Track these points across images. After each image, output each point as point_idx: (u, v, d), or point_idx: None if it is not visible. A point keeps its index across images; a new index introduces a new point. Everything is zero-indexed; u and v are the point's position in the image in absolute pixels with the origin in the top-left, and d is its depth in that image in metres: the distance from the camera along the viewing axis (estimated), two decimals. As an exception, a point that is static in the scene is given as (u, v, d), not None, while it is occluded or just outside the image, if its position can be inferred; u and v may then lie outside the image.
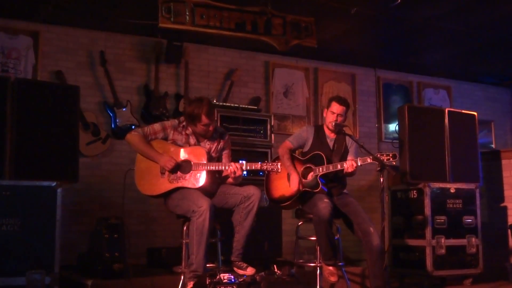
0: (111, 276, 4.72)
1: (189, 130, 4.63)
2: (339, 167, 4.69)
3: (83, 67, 6.50)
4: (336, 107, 4.91)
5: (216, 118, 4.60)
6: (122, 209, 4.88)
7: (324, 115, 5.06)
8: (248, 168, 4.47)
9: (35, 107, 4.66)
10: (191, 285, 4.13)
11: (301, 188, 4.76)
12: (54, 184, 4.53)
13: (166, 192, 4.50)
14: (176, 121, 4.70)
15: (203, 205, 4.21)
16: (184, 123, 4.65)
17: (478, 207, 6.05)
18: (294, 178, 4.78)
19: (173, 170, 4.46)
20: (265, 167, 4.48)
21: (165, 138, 4.63)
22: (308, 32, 6.33)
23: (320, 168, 4.75)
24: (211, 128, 4.56)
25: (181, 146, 4.58)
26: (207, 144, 4.65)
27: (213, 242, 4.51)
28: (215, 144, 4.69)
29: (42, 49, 6.30)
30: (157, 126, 4.64)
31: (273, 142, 6.48)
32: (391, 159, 4.57)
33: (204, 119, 4.47)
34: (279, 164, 4.50)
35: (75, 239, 5.79)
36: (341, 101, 4.94)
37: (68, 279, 4.92)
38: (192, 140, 4.62)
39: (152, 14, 5.72)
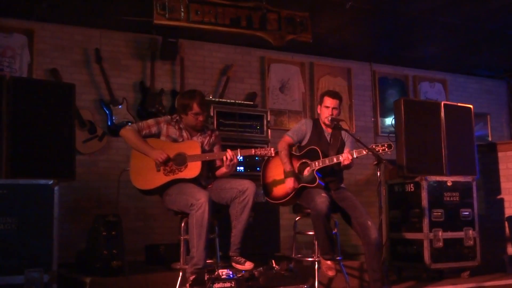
0: (110, 274, 4.71)
1: (182, 124, 4.72)
2: (335, 160, 4.70)
3: (79, 65, 6.48)
4: (329, 101, 4.93)
5: (208, 112, 4.74)
6: (117, 206, 4.88)
7: (319, 111, 5.07)
8: (242, 154, 4.56)
9: (30, 106, 4.64)
10: (192, 279, 4.13)
11: (296, 186, 4.77)
12: (51, 182, 4.53)
13: (162, 186, 4.52)
14: (169, 116, 4.83)
15: (201, 197, 4.24)
16: (177, 118, 4.75)
17: (475, 199, 6.07)
18: (289, 181, 4.81)
19: (165, 163, 4.51)
20: (258, 152, 4.60)
21: (159, 133, 4.71)
22: (303, 27, 6.33)
23: (316, 163, 4.76)
24: (200, 118, 4.65)
25: (175, 142, 4.66)
26: (199, 138, 4.74)
27: (211, 238, 4.52)
28: (207, 138, 4.79)
29: (37, 47, 6.28)
30: (150, 121, 4.75)
31: (269, 137, 6.48)
32: (386, 149, 4.61)
33: (196, 107, 4.59)
34: (272, 148, 4.61)
35: (73, 236, 5.79)
36: (333, 94, 4.97)
37: (67, 277, 4.92)
38: (185, 133, 4.72)
39: (147, 11, 5.71)
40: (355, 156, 4.65)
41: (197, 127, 4.72)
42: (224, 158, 4.53)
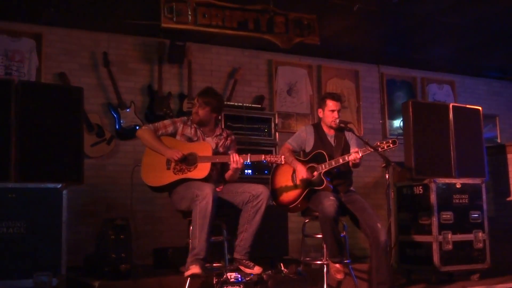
0: (118, 277, 4.72)
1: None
2: (341, 161, 4.69)
3: (87, 69, 6.50)
4: (333, 104, 4.94)
5: (220, 117, 4.76)
6: (131, 209, 4.87)
7: (320, 115, 5.05)
8: (252, 160, 4.54)
9: (39, 110, 4.65)
10: (193, 269, 4.10)
11: (309, 176, 4.75)
12: (59, 186, 4.54)
13: (171, 184, 4.53)
14: (185, 117, 4.87)
15: (206, 189, 4.26)
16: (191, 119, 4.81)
17: (484, 202, 6.02)
18: (301, 168, 4.79)
19: (180, 161, 4.53)
20: (268, 159, 4.59)
21: (175, 132, 4.74)
22: (311, 29, 6.32)
23: (323, 165, 4.75)
24: (195, 110, 4.72)
25: (189, 140, 4.68)
26: (214, 140, 4.75)
27: (219, 241, 4.51)
28: (222, 141, 4.79)
29: (45, 51, 6.31)
30: (167, 121, 4.81)
31: (277, 140, 6.48)
32: (391, 145, 4.61)
33: (195, 101, 4.73)
34: (282, 156, 4.58)
35: (81, 240, 5.80)
36: (336, 97, 5.00)
37: (75, 280, 4.92)
38: (200, 134, 4.74)
39: (154, 14, 5.72)
40: (361, 155, 4.64)
41: (195, 120, 4.75)
42: (231, 161, 4.54)
